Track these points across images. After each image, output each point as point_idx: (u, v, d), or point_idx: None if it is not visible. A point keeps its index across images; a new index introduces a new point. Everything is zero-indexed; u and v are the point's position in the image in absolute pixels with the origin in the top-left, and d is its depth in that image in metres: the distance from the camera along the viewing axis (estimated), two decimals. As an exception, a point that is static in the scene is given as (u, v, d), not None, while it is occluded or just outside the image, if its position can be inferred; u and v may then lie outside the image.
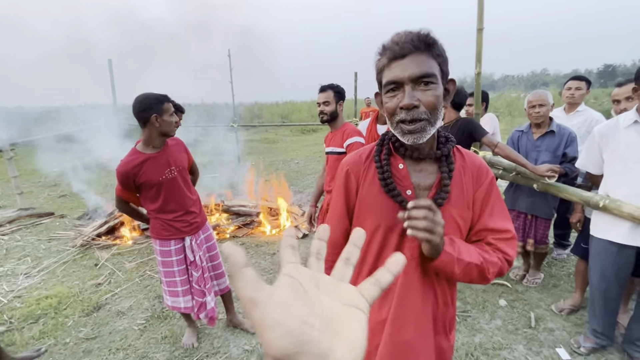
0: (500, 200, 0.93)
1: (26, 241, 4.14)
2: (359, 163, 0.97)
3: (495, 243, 0.91)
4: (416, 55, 0.79)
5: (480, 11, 2.49)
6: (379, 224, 0.92)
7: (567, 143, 2.49)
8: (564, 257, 3.26)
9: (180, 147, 2.09)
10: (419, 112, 0.79)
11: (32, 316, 2.62)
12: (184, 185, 2.04)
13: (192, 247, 2.07)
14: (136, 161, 1.86)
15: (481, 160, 0.96)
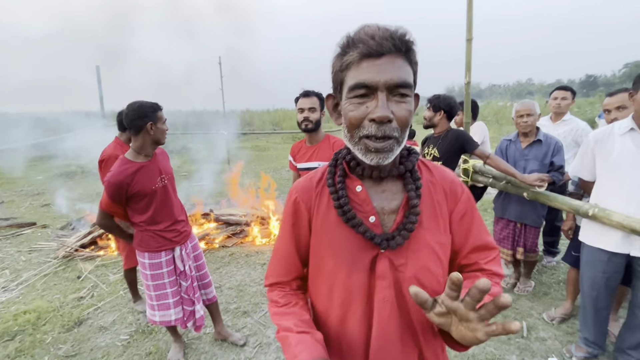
0: (479, 216, 0.83)
1: (5, 253, 3.97)
2: (310, 189, 0.81)
3: (487, 268, 0.81)
4: (394, 58, 0.64)
5: (469, 22, 2.53)
6: (340, 262, 0.75)
7: (554, 152, 2.52)
8: (554, 265, 3.28)
9: (165, 155, 2.08)
10: (391, 128, 0.65)
11: (8, 333, 2.49)
12: (173, 194, 2.02)
13: (182, 256, 2.02)
14: (129, 170, 1.78)
15: (453, 175, 0.84)
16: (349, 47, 0.66)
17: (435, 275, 0.76)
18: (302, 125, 2.10)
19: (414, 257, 0.74)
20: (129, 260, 2.64)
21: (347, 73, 0.67)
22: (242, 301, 2.85)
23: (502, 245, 2.77)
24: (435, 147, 2.60)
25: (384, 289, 0.74)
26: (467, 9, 2.50)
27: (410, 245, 0.74)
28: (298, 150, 2.24)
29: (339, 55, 0.69)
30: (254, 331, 2.46)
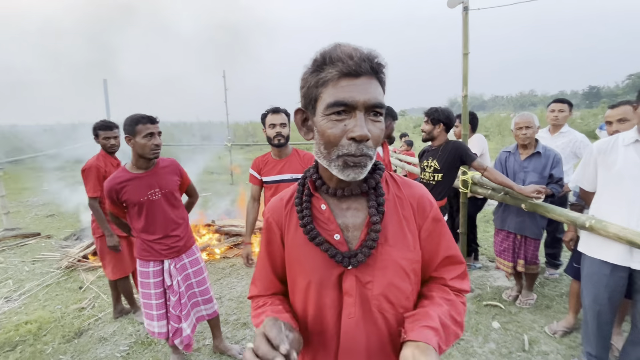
0: (448, 230, 0.84)
1: (9, 263, 4.01)
2: (280, 209, 0.84)
3: (452, 285, 0.82)
4: (370, 79, 0.66)
5: (465, 37, 2.59)
6: (309, 279, 0.77)
7: (553, 164, 2.54)
8: (556, 277, 3.25)
9: (172, 169, 2.05)
10: (367, 146, 0.67)
11: (9, 343, 2.51)
12: (169, 208, 2.00)
13: (170, 271, 2.01)
14: (120, 179, 1.88)
15: (422, 190, 0.83)
16: (326, 64, 0.66)
17: (403, 291, 0.77)
18: (274, 140, 2.16)
19: (380, 274, 0.75)
20: (117, 270, 2.63)
21: (324, 90, 0.67)
22: (242, 312, 2.84)
23: (503, 257, 2.76)
24: (435, 159, 2.63)
25: (349, 306, 0.75)
26: (462, 24, 2.56)
27: (376, 262, 0.75)
28: (264, 164, 2.27)
29: (313, 72, 0.69)
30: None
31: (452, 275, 0.83)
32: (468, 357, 2.22)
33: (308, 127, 0.75)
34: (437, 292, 0.81)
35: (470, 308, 2.79)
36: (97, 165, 2.50)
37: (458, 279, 0.83)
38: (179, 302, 2.04)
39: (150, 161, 1.93)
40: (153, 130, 1.87)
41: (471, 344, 2.34)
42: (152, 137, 1.86)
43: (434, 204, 0.83)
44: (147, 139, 1.84)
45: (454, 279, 0.83)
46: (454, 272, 0.83)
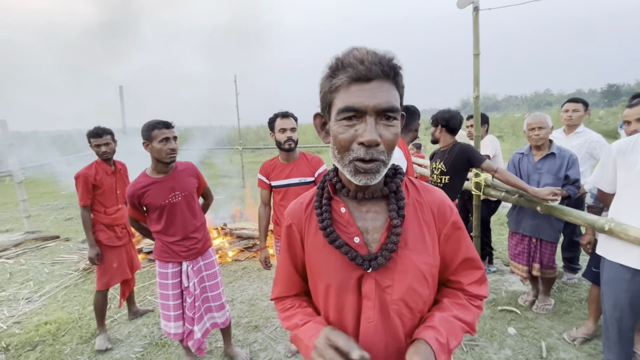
0: (467, 235, 0.84)
1: (30, 265, 4.15)
2: (300, 212, 0.85)
3: (469, 290, 0.82)
4: (383, 82, 0.66)
5: (476, 37, 2.56)
6: (329, 282, 0.78)
7: (569, 165, 2.47)
8: (575, 282, 3.15)
9: (190, 172, 2.11)
10: (378, 151, 0.66)
11: (29, 343, 2.59)
12: (188, 211, 2.05)
13: (188, 273, 2.05)
14: (141, 184, 1.94)
15: (442, 195, 0.83)
16: (338, 70, 0.67)
17: (421, 296, 0.77)
18: (285, 145, 2.17)
19: (400, 278, 0.75)
20: (100, 282, 2.53)
21: (336, 95, 0.68)
22: (254, 315, 2.86)
23: (517, 260, 2.70)
24: (442, 162, 2.60)
25: (368, 309, 0.75)
26: (473, 24, 2.53)
27: (396, 266, 0.75)
28: (272, 168, 2.28)
29: (328, 77, 0.69)
30: (265, 346, 2.46)
31: (470, 280, 0.83)
32: (482, 364, 2.17)
33: (326, 131, 0.76)
34: (449, 298, 0.83)
35: (485, 313, 2.73)
36: (85, 174, 2.46)
37: (476, 284, 0.83)
38: (193, 304, 2.08)
39: (168, 165, 1.98)
40: (168, 135, 1.91)
41: (486, 350, 2.29)
42: (168, 142, 1.91)
43: (454, 209, 0.83)
44: (162, 144, 1.89)
45: (471, 284, 0.82)
46: (472, 277, 0.83)
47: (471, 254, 0.82)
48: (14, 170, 5.43)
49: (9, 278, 3.80)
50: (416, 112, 2.33)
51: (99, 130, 2.52)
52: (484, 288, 0.84)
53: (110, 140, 2.56)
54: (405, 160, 2.14)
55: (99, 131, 2.52)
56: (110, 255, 2.57)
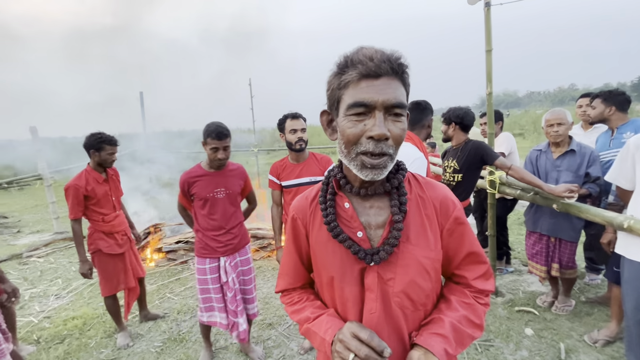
0: (471, 230, 0.85)
1: (59, 263, 4.37)
2: (305, 207, 0.87)
3: (474, 285, 0.83)
4: (391, 79, 0.68)
5: (488, 33, 2.52)
6: (333, 275, 0.80)
7: (590, 162, 2.39)
8: (598, 282, 3.03)
9: (239, 174, 2.22)
10: (387, 145, 0.68)
11: (58, 336, 2.74)
12: (228, 208, 2.15)
13: (226, 268, 2.15)
14: (194, 174, 2.10)
15: (445, 190, 0.83)
16: (348, 67, 0.69)
17: (423, 289, 0.79)
18: (296, 146, 2.22)
19: (402, 271, 0.77)
20: (104, 288, 2.54)
21: (346, 91, 0.69)
22: (268, 313, 2.91)
23: (535, 260, 2.63)
24: (455, 160, 2.57)
25: (371, 301, 0.77)
26: (484, 20, 2.49)
27: (398, 260, 0.77)
28: (282, 169, 2.32)
29: (336, 74, 0.71)
30: (278, 343, 2.50)
31: (475, 275, 0.83)
32: (498, 364, 2.14)
33: (333, 128, 0.78)
34: (456, 296, 0.83)
35: (502, 314, 2.67)
36: (75, 185, 2.38)
37: (481, 279, 0.83)
38: (234, 298, 2.17)
39: (216, 164, 2.10)
40: (218, 145, 2.00)
41: (501, 351, 2.25)
42: (217, 152, 2.02)
43: (457, 204, 0.83)
44: (212, 152, 2.02)
45: (476, 278, 0.83)
46: (477, 272, 0.83)
47: (475, 249, 0.83)
48: (43, 174, 5.74)
49: (40, 276, 4.02)
50: (428, 107, 2.28)
51: (114, 138, 2.52)
52: (489, 283, 0.84)
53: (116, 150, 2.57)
54: (424, 159, 2.12)
55: (114, 139, 2.51)
56: (112, 263, 2.53)
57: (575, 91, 74.85)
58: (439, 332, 0.74)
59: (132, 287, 2.68)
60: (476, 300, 0.83)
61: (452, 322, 0.77)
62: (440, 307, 0.81)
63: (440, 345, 0.72)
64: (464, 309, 0.80)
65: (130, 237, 2.73)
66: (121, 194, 2.76)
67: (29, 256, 4.63)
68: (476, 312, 0.80)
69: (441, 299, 0.84)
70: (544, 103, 70.52)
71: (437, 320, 0.78)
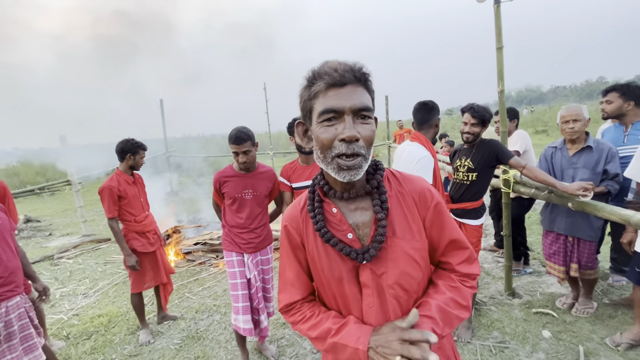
0: (450, 218, 0.89)
1: (86, 264, 4.61)
2: (297, 216, 0.90)
3: (459, 270, 0.87)
4: (355, 87, 0.74)
5: (498, 30, 2.48)
6: (331, 277, 0.84)
7: (608, 159, 2.31)
8: (623, 284, 2.91)
9: (268, 176, 2.29)
10: (359, 146, 0.73)
11: (86, 333, 2.90)
12: (256, 208, 2.23)
13: (248, 265, 2.23)
14: (226, 174, 2.21)
15: (423, 183, 0.88)
16: (315, 79, 0.75)
17: (415, 278, 0.84)
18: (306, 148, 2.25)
19: (392, 265, 0.82)
20: (134, 285, 2.69)
21: (316, 101, 0.76)
22: (282, 313, 2.97)
23: (553, 261, 2.56)
24: (469, 158, 2.53)
25: (368, 296, 0.82)
26: (494, 17, 2.46)
27: (387, 254, 0.82)
28: (293, 171, 2.39)
29: (306, 87, 0.78)
30: (292, 342, 2.55)
31: (459, 260, 0.88)
32: (513, 367, 2.10)
33: (308, 137, 0.84)
34: (443, 280, 0.88)
35: (518, 315, 2.61)
36: (109, 187, 2.57)
37: (465, 264, 0.88)
38: (256, 295, 2.25)
39: (254, 165, 2.20)
40: (237, 150, 2.07)
41: (516, 353, 2.20)
42: (237, 156, 2.10)
43: (435, 193, 0.87)
44: (234, 156, 2.12)
45: (460, 263, 0.88)
46: (460, 257, 0.88)
47: (455, 236, 0.88)
48: (72, 180, 6.07)
49: (69, 276, 4.26)
50: (435, 107, 2.27)
51: (145, 145, 2.77)
52: (474, 267, 0.89)
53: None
54: (431, 158, 2.11)
55: (143, 145, 2.76)
56: (144, 261, 2.70)
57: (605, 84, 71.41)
58: (426, 314, 0.79)
59: (164, 283, 2.88)
60: (462, 283, 0.87)
61: (439, 304, 0.81)
62: (428, 292, 0.86)
63: (427, 325, 0.76)
64: (450, 292, 0.84)
65: (160, 237, 2.90)
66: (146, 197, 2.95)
67: (60, 257, 4.90)
68: (462, 295, 0.85)
69: (430, 285, 0.89)
70: (570, 98, 67.63)
71: (425, 304, 0.82)
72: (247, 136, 2.05)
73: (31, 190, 9.06)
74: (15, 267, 1.87)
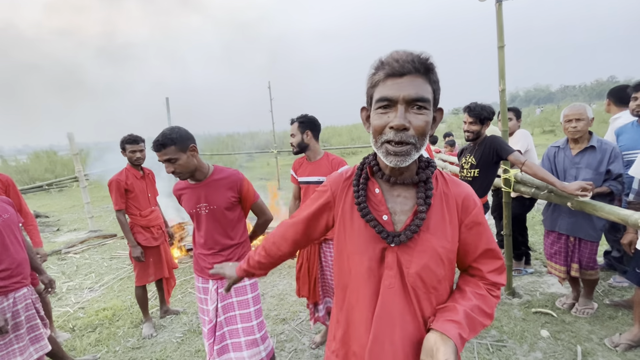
0: (488, 228, 0.91)
1: (92, 259, 4.71)
2: (339, 182, 0.96)
3: (488, 278, 0.89)
4: (414, 77, 0.76)
5: (500, 29, 2.48)
6: (355, 249, 0.88)
7: (611, 159, 2.30)
8: (625, 285, 2.89)
9: (228, 183, 1.78)
10: (408, 135, 0.76)
11: (91, 325, 2.97)
12: (215, 227, 1.79)
13: (210, 294, 1.80)
14: (179, 186, 1.84)
15: (468, 190, 0.90)
16: (379, 68, 0.79)
17: (436, 275, 0.86)
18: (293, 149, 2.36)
19: (418, 256, 0.84)
20: (139, 278, 2.74)
21: (376, 89, 0.80)
22: (282, 309, 3.01)
23: (554, 260, 2.55)
24: (472, 155, 2.54)
25: (390, 277, 0.85)
26: (496, 16, 2.46)
27: (416, 245, 0.84)
28: (300, 165, 2.41)
29: (371, 75, 0.82)
30: (290, 337, 2.59)
31: (490, 269, 0.90)
32: (510, 365, 2.10)
33: (369, 122, 0.87)
34: (470, 287, 0.90)
35: (517, 315, 2.62)
36: (117, 180, 2.64)
37: (495, 273, 0.90)
38: (212, 332, 1.78)
39: (200, 172, 1.76)
40: (159, 158, 1.69)
41: (514, 351, 2.21)
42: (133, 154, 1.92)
43: (478, 203, 0.89)
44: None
45: (491, 272, 0.90)
46: (492, 266, 0.90)
47: (492, 245, 0.90)
48: (79, 177, 6.17)
49: (76, 270, 4.35)
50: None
51: (135, 137, 2.73)
52: (502, 277, 0.91)
53: (143, 147, 2.78)
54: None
55: (135, 138, 2.73)
56: (148, 254, 2.75)
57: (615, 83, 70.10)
58: (454, 318, 0.81)
59: (167, 278, 2.94)
60: (489, 292, 0.90)
61: (466, 310, 0.83)
62: (455, 297, 0.89)
63: (455, 330, 0.79)
64: (477, 299, 0.87)
65: (164, 231, 2.95)
66: (157, 193, 3.00)
67: (67, 252, 5.00)
68: (488, 303, 0.87)
69: (456, 290, 0.92)
70: (579, 97, 66.56)
71: (452, 308, 0.84)
72: (169, 140, 1.62)
73: (40, 187, 9.19)
74: (23, 260, 1.93)
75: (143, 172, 2.83)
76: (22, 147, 26.96)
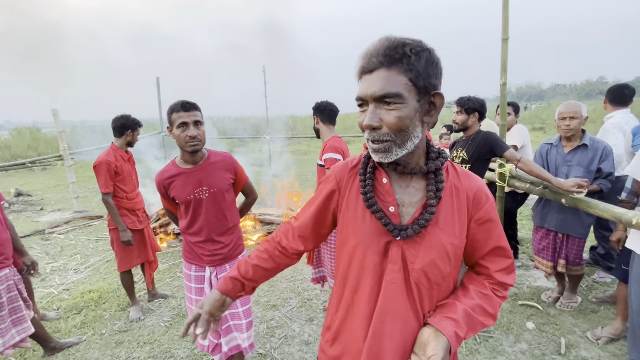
0: (500, 224, 0.87)
1: (78, 240, 4.59)
2: (345, 171, 0.91)
3: (495, 277, 0.86)
4: (383, 71, 0.71)
5: (505, 21, 2.44)
6: (358, 241, 0.84)
7: (602, 158, 2.33)
8: (608, 281, 2.98)
9: (225, 165, 1.78)
10: (381, 133, 0.73)
11: (76, 307, 2.91)
12: (216, 210, 1.75)
13: (211, 280, 1.79)
14: (168, 174, 1.71)
15: (480, 182, 0.85)
16: (357, 64, 0.77)
17: (442, 271, 0.82)
18: None
19: (425, 252, 0.80)
20: (122, 263, 2.68)
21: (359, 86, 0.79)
22: (272, 295, 3.00)
23: (541, 256, 2.60)
24: (464, 150, 2.53)
25: (394, 272, 0.81)
26: (502, 7, 2.42)
27: (423, 240, 0.80)
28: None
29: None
30: (281, 324, 2.59)
31: (498, 268, 0.86)
32: (496, 355, 2.15)
33: None
34: (474, 285, 0.87)
35: (504, 307, 2.67)
36: (107, 161, 2.52)
37: (503, 272, 0.86)
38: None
39: (196, 155, 1.69)
40: (186, 119, 1.59)
41: (500, 342, 2.26)
42: (184, 131, 1.60)
43: (490, 197, 0.85)
44: (180, 132, 1.61)
45: (499, 271, 0.86)
46: (500, 264, 0.86)
47: (502, 243, 0.86)
48: (64, 155, 5.97)
49: (60, 251, 4.24)
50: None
51: (138, 121, 2.74)
52: (511, 277, 0.87)
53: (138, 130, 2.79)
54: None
55: (140, 122, 2.74)
56: (134, 238, 2.66)
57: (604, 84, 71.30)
58: (451, 316, 0.79)
59: (151, 261, 2.89)
60: (494, 292, 0.86)
61: (466, 308, 0.81)
62: (457, 294, 0.86)
63: (450, 327, 0.77)
64: (480, 299, 0.84)
65: (147, 215, 2.90)
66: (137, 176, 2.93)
67: (51, 232, 4.87)
68: (491, 303, 0.84)
69: (460, 287, 0.88)
70: (570, 96, 67.67)
71: (451, 305, 0.82)
72: (196, 105, 1.66)
73: (22, 164, 8.87)
74: (5, 240, 1.85)
75: (127, 154, 2.77)
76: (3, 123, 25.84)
